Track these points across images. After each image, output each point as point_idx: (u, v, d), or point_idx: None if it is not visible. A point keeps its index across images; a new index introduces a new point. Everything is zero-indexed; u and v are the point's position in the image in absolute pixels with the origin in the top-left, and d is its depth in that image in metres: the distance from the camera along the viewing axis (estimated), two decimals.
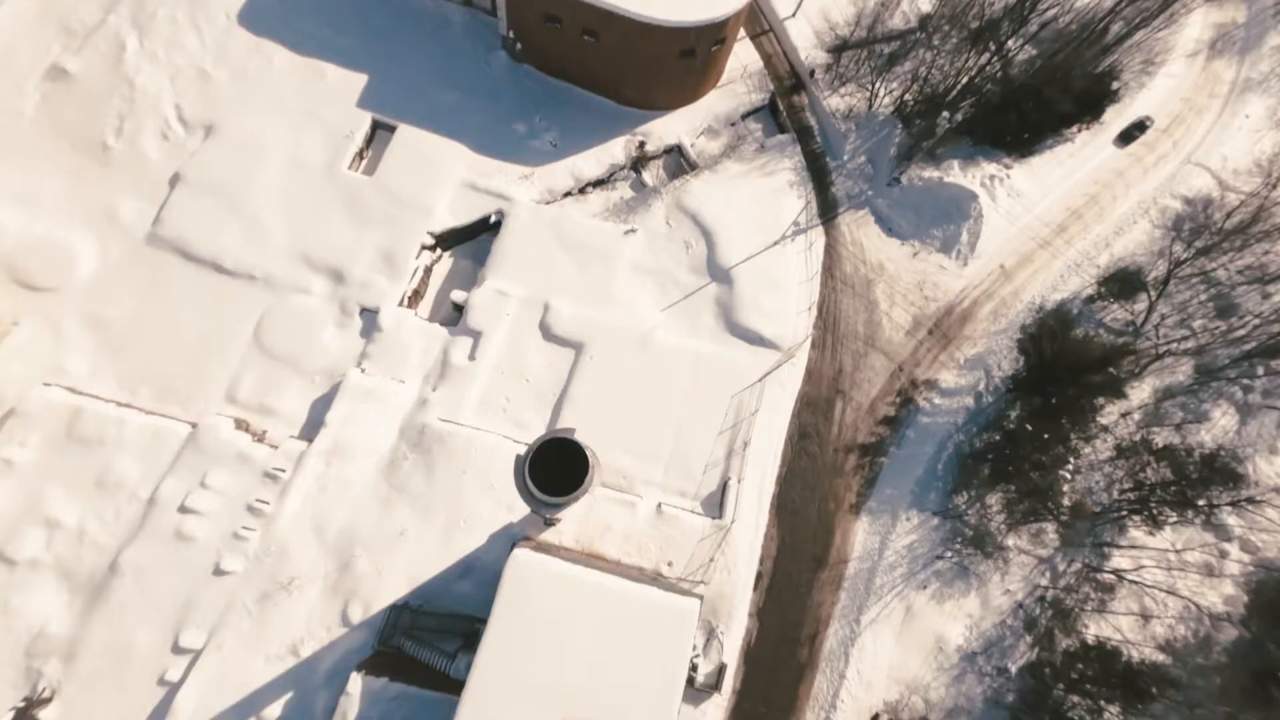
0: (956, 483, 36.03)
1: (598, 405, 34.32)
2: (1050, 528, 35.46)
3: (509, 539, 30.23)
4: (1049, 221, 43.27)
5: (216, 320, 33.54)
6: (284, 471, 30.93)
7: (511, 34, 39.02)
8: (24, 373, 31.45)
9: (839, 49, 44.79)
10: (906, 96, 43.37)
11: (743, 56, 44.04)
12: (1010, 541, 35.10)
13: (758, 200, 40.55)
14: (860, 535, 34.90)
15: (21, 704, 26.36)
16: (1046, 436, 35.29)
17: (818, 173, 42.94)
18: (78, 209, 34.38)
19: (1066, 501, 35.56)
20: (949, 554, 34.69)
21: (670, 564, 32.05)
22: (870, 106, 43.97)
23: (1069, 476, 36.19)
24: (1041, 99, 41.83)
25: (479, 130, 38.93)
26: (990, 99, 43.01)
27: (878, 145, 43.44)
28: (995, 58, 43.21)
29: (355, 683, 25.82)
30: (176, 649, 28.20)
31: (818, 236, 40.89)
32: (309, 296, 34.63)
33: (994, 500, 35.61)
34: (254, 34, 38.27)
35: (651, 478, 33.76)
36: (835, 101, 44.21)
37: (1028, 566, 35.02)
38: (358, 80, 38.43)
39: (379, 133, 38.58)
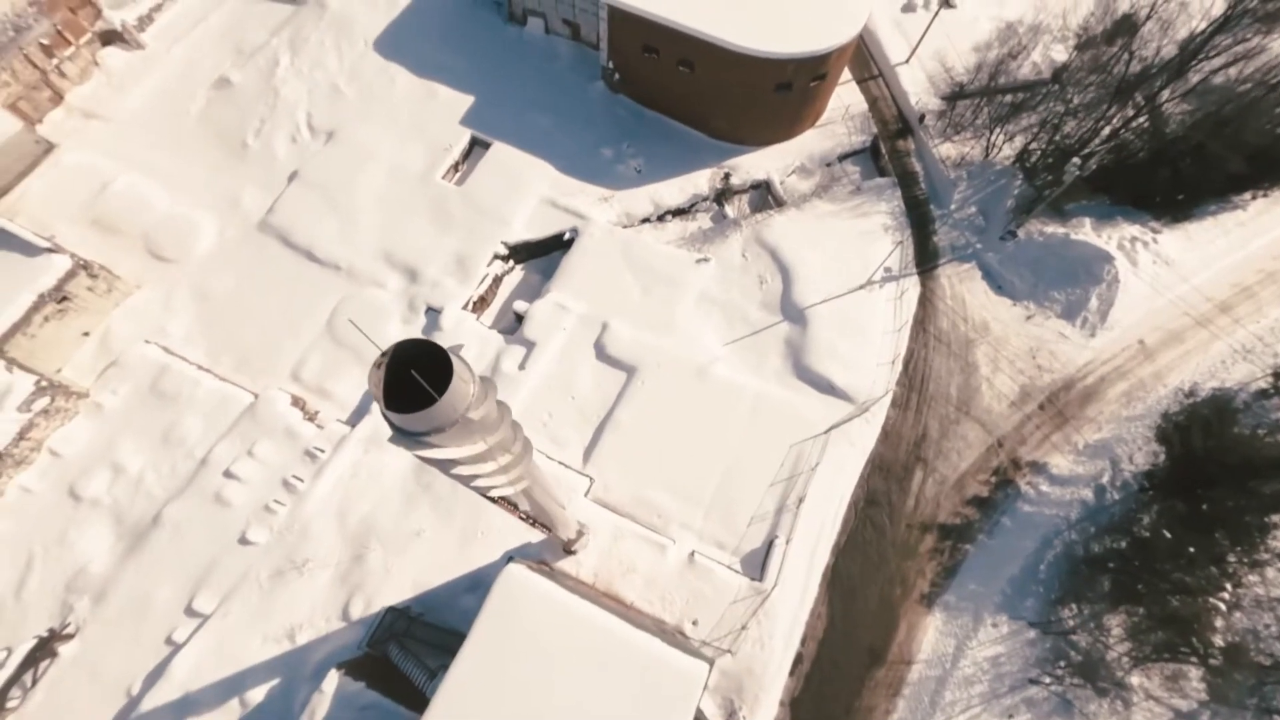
0: (1064, 591, 29.21)
1: (642, 434, 31.96)
2: (1195, 673, 27.46)
3: (522, 558, 27.98)
4: (1210, 296, 36.24)
5: (298, 303, 35.52)
6: (323, 452, 31.22)
7: (610, 64, 40.08)
8: (134, 330, 34.77)
9: (954, 96, 41.68)
10: (1033, 145, 39.06)
11: (846, 98, 42.23)
12: (1135, 680, 27.52)
13: (846, 242, 37.50)
14: (931, 634, 28.96)
15: (46, 634, 27.29)
16: (1193, 551, 27.84)
17: (919, 220, 39.25)
18: (212, 195, 38.48)
19: (1220, 641, 27.51)
20: (1048, 679, 27.70)
21: (696, 623, 28.17)
22: (986, 155, 40.04)
23: (1224, 609, 28.14)
24: (1203, 156, 35.90)
25: (568, 153, 39.71)
26: (1135, 154, 37.59)
27: (992, 196, 39.16)
28: (1144, 113, 38.03)
29: (332, 681, 24.20)
30: (189, 611, 28.35)
31: (911, 286, 36.84)
32: (383, 290, 35.91)
33: (1114, 622, 28.36)
34: (384, 58, 42.25)
35: (689, 522, 30.47)
36: (947, 149, 40.74)
37: (1159, 719, 27.12)
38: (465, 101, 40.92)
39: (475, 148, 40.51)
